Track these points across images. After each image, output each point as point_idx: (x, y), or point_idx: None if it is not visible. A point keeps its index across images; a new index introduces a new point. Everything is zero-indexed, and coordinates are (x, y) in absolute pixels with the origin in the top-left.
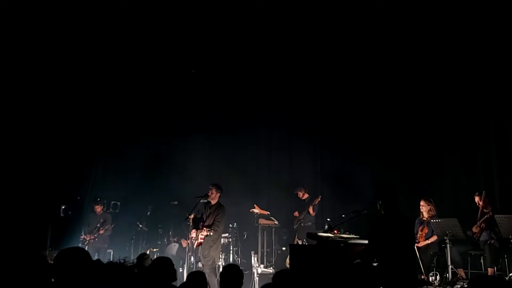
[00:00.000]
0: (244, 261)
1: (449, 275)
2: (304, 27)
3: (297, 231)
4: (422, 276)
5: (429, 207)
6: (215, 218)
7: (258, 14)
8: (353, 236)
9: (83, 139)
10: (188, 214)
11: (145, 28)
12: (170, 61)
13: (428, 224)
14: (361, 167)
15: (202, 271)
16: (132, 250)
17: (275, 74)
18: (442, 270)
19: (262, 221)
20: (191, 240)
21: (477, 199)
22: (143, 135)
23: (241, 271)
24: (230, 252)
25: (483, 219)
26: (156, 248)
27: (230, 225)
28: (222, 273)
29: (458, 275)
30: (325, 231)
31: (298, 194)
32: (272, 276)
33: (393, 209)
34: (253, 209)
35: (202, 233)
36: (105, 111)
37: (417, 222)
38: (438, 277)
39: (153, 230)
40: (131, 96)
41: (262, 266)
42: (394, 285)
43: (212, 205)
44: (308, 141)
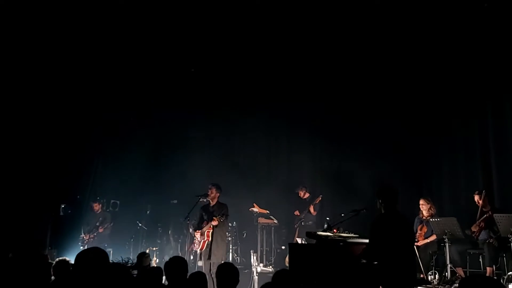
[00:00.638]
0: (244, 260)
1: (448, 274)
2: (304, 25)
3: (298, 230)
4: (421, 275)
5: (429, 206)
6: (223, 212)
7: (257, 10)
8: (352, 235)
9: (83, 137)
10: (188, 213)
11: (145, 26)
12: (169, 59)
13: (427, 223)
14: (360, 166)
15: (201, 270)
16: (131, 249)
17: (274, 73)
18: (441, 269)
19: (262, 220)
20: (197, 243)
21: (476, 198)
22: (143, 133)
23: (236, 268)
24: (229, 251)
25: (482, 218)
26: (155, 247)
27: (230, 224)
28: (218, 272)
29: (457, 274)
30: (325, 230)
31: (299, 194)
32: (271, 275)
33: (393, 208)
34: (253, 208)
35: (212, 224)
36: (104, 109)
37: (416, 221)
38: (437, 276)
39: (152, 229)
40: (130, 95)
41: (261, 265)
42: (393, 284)
43: (213, 205)
44: (307, 140)
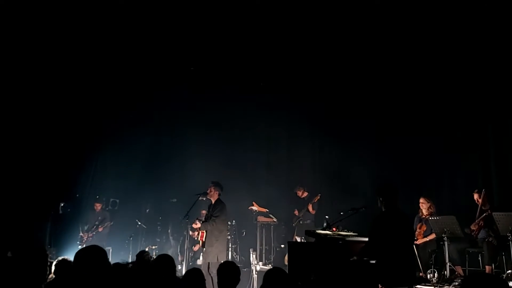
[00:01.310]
0: (243, 258)
1: (447, 272)
2: (303, 23)
3: (296, 228)
4: (420, 274)
5: (428, 205)
6: (212, 213)
7: (257, 8)
8: (351, 233)
9: (82, 136)
10: (187, 212)
11: (145, 25)
12: (169, 58)
13: (426, 221)
14: (360, 164)
15: (200, 268)
16: (131, 248)
17: (274, 71)
18: (440, 267)
19: (261, 219)
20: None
21: (476, 196)
22: (142, 132)
23: (237, 267)
24: (228, 250)
25: (481, 217)
26: (155, 246)
27: (229, 223)
28: (219, 271)
29: (456, 273)
30: (324, 229)
31: (297, 193)
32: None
33: (393, 206)
34: (252, 207)
35: (194, 226)
36: (104, 108)
37: (416, 219)
38: (436, 275)
39: (152, 227)
40: (130, 93)
41: (260, 263)
42: (392, 282)
43: (212, 203)
44: (306, 139)
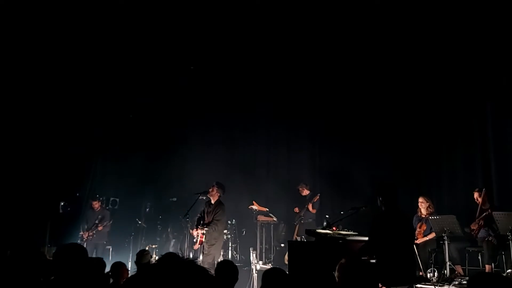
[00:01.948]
0: (243, 257)
1: (447, 271)
2: (303, 23)
3: (297, 227)
4: (420, 273)
5: (428, 204)
6: (214, 217)
7: (257, 10)
8: (351, 232)
9: (82, 135)
10: (187, 211)
11: (145, 25)
12: (169, 57)
13: (426, 221)
14: (360, 163)
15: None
16: (131, 247)
17: (274, 70)
18: (440, 266)
19: (261, 218)
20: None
21: (476, 195)
22: (142, 131)
23: (235, 266)
24: (228, 249)
25: (481, 216)
26: (155, 244)
27: (229, 222)
28: (217, 269)
29: (456, 272)
30: (324, 228)
31: (299, 190)
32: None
33: (393, 205)
34: (252, 206)
35: (199, 231)
36: (104, 107)
37: (415, 219)
38: (436, 274)
39: (152, 226)
40: (130, 93)
41: (260, 262)
42: (392, 281)
43: (213, 203)
44: (306, 138)
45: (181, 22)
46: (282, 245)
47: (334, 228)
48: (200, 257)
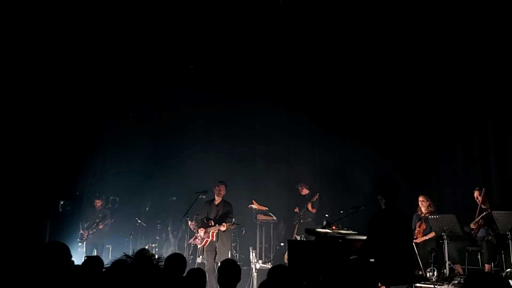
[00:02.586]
0: (243, 256)
1: (447, 271)
2: (303, 21)
3: (297, 227)
4: (420, 272)
5: (428, 203)
6: (228, 216)
7: (257, 8)
8: (351, 232)
9: (82, 134)
10: (187, 210)
11: (145, 21)
12: (169, 56)
13: (426, 220)
14: (360, 162)
15: (201, 267)
16: (130, 245)
17: (274, 68)
18: (440, 266)
19: (261, 217)
20: (199, 239)
21: (476, 194)
22: (142, 130)
23: (238, 266)
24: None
25: (481, 215)
26: (154, 244)
27: None
28: (220, 269)
29: (456, 271)
30: (324, 227)
31: (298, 190)
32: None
33: (393, 204)
34: (252, 205)
35: (219, 228)
36: (104, 106)
37: (415, 218)
38: (435, 273)
39: (151, 225)
40: (130, 92)
41: (260, 261)
42: (391, 280)
43: (218, 203)
44: (306, 137)
45: (181, 20)
46: (282, 244)
47: (333, 227)
48: (201, 257)
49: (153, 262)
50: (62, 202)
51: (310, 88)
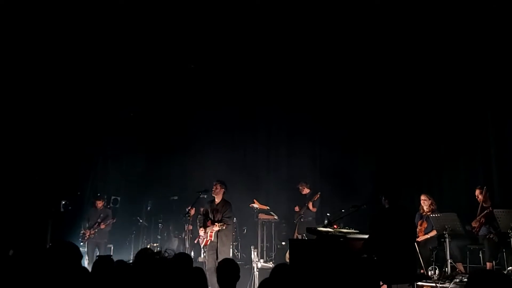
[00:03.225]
0: (244, 255)
1: (448, 269)
2: (304, 22)
3: (298, 226)
4: (421, 271)
5: (430, 201)
6: (224, 214)
7: (257, 10)
8: (352, 230)
9: (83, 134)
10: (189, 209)
11: (145, 22)
12: (169, 56)
13: (427, 218)
14: (360, 161)
15: (202, 266)
16: (132, 245)
17: (274, 69)
18: (441, 264)
19: (262, 216)
20: (201, 239)
21: (477, 192)
22: (143, 131)
23: (237, 264)
24: (230, 247)
25: (482, 214)
26: (156, 243)
27: None
28: (218, 268)
29: (457, 269)
30: (325, 226)
31: (299, 189)
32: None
33: (396, 203)
34: (253, 204)
35: (213, 228)
36: (105, 106)
37: (416, 216)
38: (437, 271)
39: (153, 225)
40: (131, 91)
41: (262, 260)
42: (393, 279)
43: (218, 202)
44: (307, 136)
45: (181, 20)
46: (283, 243)
47: (335, 226)
48: (202, 255)
49: (157, 257)
50: (63, 202)
51: (311, 88)
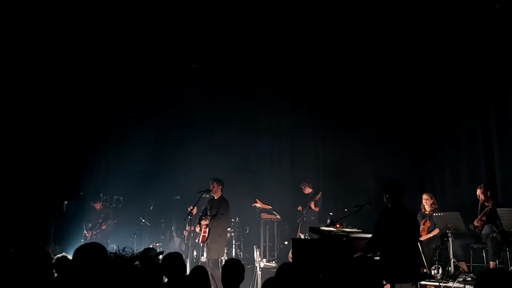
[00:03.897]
0: (247, 255)
1: (451, 268)
2: (304, 17)
3: (300, 225)
4: (425, 270)
5: (432, 201)
6: (218, 211)
7: (258, 4)
8: (355, 230)
9: (86, 134)
10: (191, 209)
11: (147, 22)
12: (171, 55)
13: (430, 217)
14: (363, 160)
15: (204, 265)
16: (135, 245)
17: (276, 67)
18: (444, 263)
19: (264, 216)
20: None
21: (478, 191)
22: (145, 130)
23: (242, 265)
24: (232, 247)
25: (483, 212)
26: (159, 243)
27: (232, 220)
28: (224, 268)
29: (460, 269)
30: (328, 225)
31: (301, 188)
32: (274, 270)
33: (399, 202)
34: (255, 204)
35: (202, 222)
36: (106, 106)
37: (419, 215)
38: (440, 271)
39: (155, 225)
40: (133, 91)
41: (264, 260)
42: (396, 278)
43: (216, 199)
44: (309, 135)
45: (181, 20)
46: (286, 242)
47: (338, 225)
48: (204, 254)
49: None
50: (66, 202)
51: (314, 86)
